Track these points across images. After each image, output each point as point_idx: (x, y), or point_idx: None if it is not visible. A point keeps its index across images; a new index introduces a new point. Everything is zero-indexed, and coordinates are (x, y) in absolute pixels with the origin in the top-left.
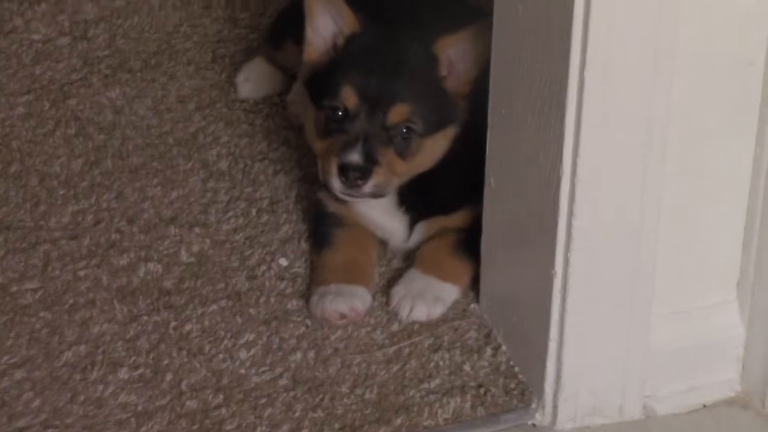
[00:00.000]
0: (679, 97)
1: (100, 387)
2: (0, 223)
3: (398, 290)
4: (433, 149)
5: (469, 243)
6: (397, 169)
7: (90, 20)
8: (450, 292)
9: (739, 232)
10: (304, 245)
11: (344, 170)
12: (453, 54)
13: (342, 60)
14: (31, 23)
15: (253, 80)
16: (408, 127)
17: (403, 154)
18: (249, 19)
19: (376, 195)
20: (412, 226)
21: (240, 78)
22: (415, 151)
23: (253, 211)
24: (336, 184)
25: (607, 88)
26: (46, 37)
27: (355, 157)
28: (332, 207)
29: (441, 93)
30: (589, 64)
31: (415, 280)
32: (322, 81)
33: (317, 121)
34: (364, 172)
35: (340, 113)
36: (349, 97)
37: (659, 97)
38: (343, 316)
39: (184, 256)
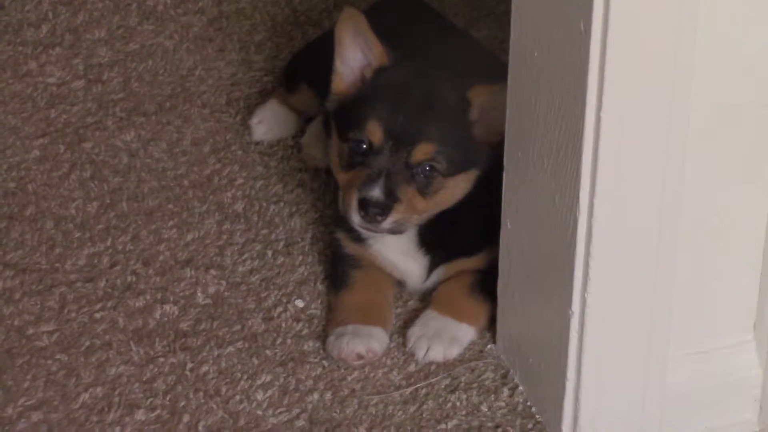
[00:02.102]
0: (695, 140)
1: (117, 429)
2: (16, 265)
3: (415, 331)
4: (454, 190)
5: (486, 284)
6: (417, 207)
7: (104, 63)
8: (466, 333)
9: (756, 273)
10: (320, 287)
11: (364, 205)
12: (487, 102)
13: (369, 93)
14: (46, 67)
15: (267, 122)
16: (431, 166)
17: (424, 192)
18: (263, 62)
19: (395, 231)
20: (431, 268)
21: (254, 120)
22: (436, 190)
23: (269, 253)
24: (355, 217)
25: (623, 130)
26: (61, 80)
27: (376, 192)
28: (349, 248)
29: (468, 137)
30: (605, 106)
31: (432, 321)
32: (348, 113)
33: (341, 153)
34: (384, 208)
35: (365, 147)
36: (374, 131)
37: (675, 139)
38: (360, 356)
39: (200, 297)
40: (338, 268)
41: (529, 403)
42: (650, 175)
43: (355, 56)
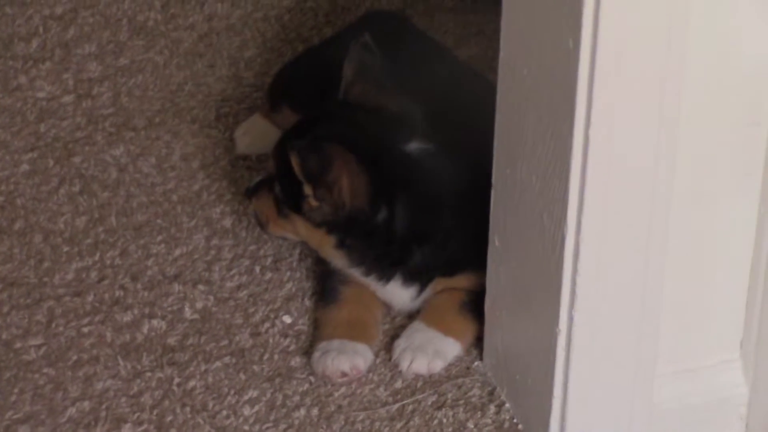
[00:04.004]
0: (683, 158)
1: None
2: (4, 279)
3: (400, 342)
4: (299, 227)
5: (476, 303)
6: (267, 212)
7: (94, 78)
8: (452, 347)
9: (743, 291)
10: (308, 302)
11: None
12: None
13: None
14: (36, 81)
15: (251, 135)
16: None
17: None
18: (253, 78)
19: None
20: (419, 293)
21: (239, 132)
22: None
23: (257, 269)
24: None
25: (611, 149)
26: (51, 95)
27: (252, 184)
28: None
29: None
30: (593, 124)
31: (418, 333)
32: None
33: None
34: (251, 194)
35: None
36: None
37: (663, 157)
38: (344, 374)
39: (187, 313)
40: (328, 283)
41: (515, 420)
42: (638, 193)
43: None
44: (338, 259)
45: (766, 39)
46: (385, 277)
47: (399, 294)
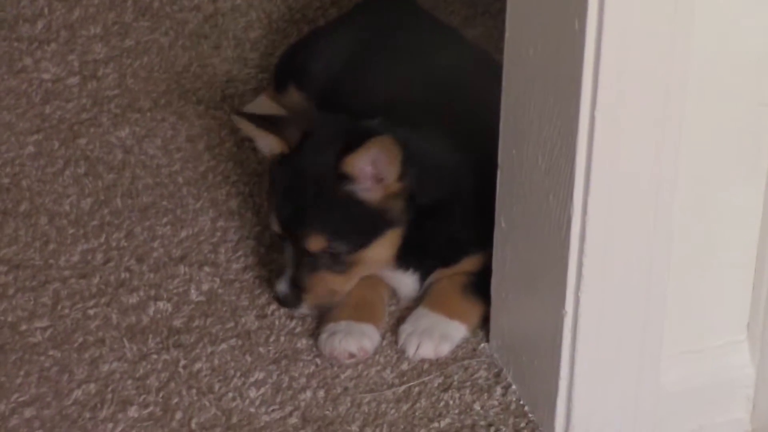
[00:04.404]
0: (689, 138)
1: (110, 425)
2: (10, 261)
3: (406, 327)
4: (377, 254)
5: (480, 283)
6: (337, 286)
7: (100, 60)
8: (458, 330)
9: (750, 272)
10: None
11: (277, 297)
12: (367, 166)
13: (271, 180)
14: (41, 63)
15: None
16: (332, 252)
17: (340, 271)
18: (259, 59)
19: (324, 308)
20: (421, 280)
21: None
22: (352, 265)
23: (263, 250)
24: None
25: (617, 129)
26: (56, 76)
27: (282, 287)
28: None
29: (361, 208)
30: (599, 105)
31: (423, 318)
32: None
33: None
34: (293, 300)
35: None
36: (274, 224)
37: (671, 138)
38: (351, 355)
39: (193, 294)
40: None
41: (521, 402)
42: (644, 173)
43: (262, 144)
44: (389, 260)
45: None
46: (405, 264)
47: (405, 281)
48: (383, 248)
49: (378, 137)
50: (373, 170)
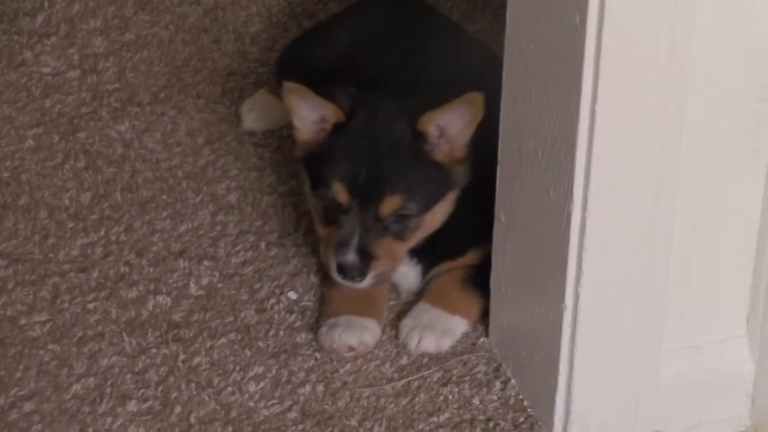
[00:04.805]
0: (690, 134)
1: (109, 419)
2: (9, 255)
3: (407, 322)
4: (434, 218)
5: (479, 277)
6: (397, 253)
7: (99, 54)
8: (459, 325)
9: (749, 267)
10: (314, 278)
11: (342, 269)
12: (440, 126)
13: (332, 149)
14: (41, 57)
15: (257, 111)
16: (403, 214)
17: (402, 237)
18: (259, 53)
19: (380, 281)
20: (424, 273)
21: (245, 108)
22: (414, 230)
23: (263, 245)
24: (336, 277)
25: (617, 124)
26: (56, 70)
27: (350, 257)
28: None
29: (433, 168)
30: (599, 100)
31: (424, 313)
32: (315, 166)
33: (316, 207)
34: (362, 269)
35: (335, 204)
36: (339, 192)
37: (671, 133)
38: (351, 348)
39: (193, 289)
40: None
41: (521, 397)
42: (644, 169)
43: (310, 115)
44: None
45: None
46: (412, 254)
47: (408, 274)
48: (442, 212)
49: (468, 94)
50: (447, 131)
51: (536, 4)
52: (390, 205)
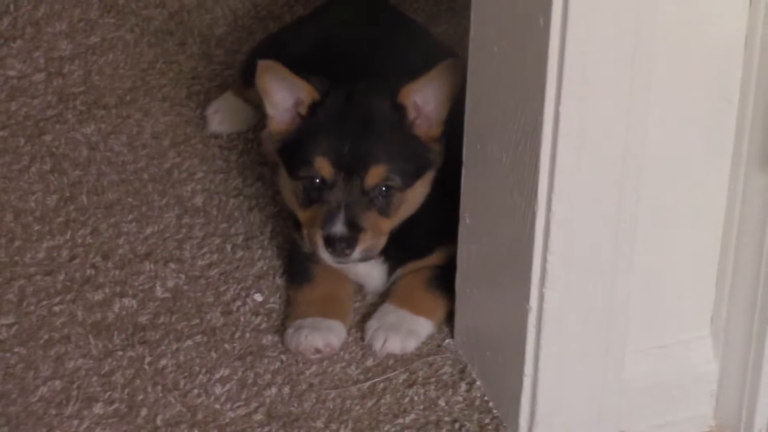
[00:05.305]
0: (654, 134)
1: (75, 422)
2: None
3: (372, 324)
4: (414, 198)
5: (444, 278)
6: (382, 228)
7: (65, 57)
8: (424, 326)
9: (713, 268)
10: (279, 281)
11: (330, 242)
12: (418, 99)
13: (310, 129)
14: (6, 59)
15: (223, 113)
16: (387, 186)
17: (386, 213)
18: (224, 56)
19: (366, 258)
20: (389, 274)
21: (210, 111)
22: (397, 206)
23: (228, 247)
24: (324, 254)
25: (582, 125)
26: (22, 73)
27: (339, 228)
28: (307, 248)
29: (414, 142)
30: (563, 101)
31: (389, 314)
32: (293, 151)
33: (296, 192)
34: (350, 241)
35: (318, 182)
36: (323, 167)
37: (635, 132)
38: (317, 350)
39: (159, 291)
40: (297, 262)
41: (486, 398)
42: (608, 169)
43: (284, 98)
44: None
45: (736, 15)
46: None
47: (373, 274)
48: (422, 190)
49: (442, 63)
50: (424, 108)
51: (500, 6)
52: (375, 175)
